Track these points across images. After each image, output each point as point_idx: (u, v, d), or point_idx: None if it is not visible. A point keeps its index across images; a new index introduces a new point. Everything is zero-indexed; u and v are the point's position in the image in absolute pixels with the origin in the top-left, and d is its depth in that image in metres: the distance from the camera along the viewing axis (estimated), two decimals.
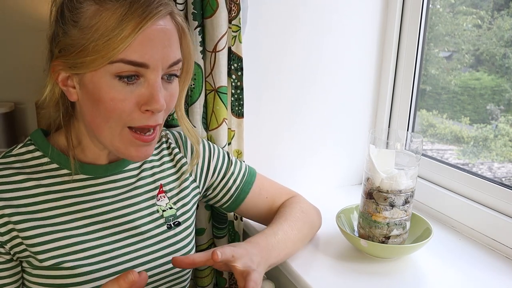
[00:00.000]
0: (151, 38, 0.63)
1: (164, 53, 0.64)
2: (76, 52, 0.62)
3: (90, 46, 0.61)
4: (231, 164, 0.89)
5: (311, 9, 1.08)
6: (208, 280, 1.07)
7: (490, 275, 0.85)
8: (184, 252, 0.80)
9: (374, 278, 0.83)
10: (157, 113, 0.66)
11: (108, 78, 0.62)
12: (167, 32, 0.65)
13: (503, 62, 1.04)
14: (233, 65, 0.95)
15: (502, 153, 1.06)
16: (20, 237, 0.67)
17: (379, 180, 0.84)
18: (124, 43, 0.60)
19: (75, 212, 0.71)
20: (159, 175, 0.81)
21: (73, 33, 0.63)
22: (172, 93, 0.69)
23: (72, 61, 0.63)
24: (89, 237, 0.71)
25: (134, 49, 0.61)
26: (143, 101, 0.64)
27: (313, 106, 1.16)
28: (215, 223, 1.04)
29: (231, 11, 0.92)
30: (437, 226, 1.03)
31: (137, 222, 0.75)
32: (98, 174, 0.74)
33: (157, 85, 0.64)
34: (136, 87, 0.64)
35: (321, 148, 1.21)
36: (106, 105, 0.63)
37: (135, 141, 0.67)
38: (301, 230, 0.87)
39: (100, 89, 0.63)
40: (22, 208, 0.68)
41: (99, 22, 0.61)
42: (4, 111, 1.95)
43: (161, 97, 0.64)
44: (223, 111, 0.95)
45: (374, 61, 1.20)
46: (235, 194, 0.89)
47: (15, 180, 0.69)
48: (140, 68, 0.63)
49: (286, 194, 0.94)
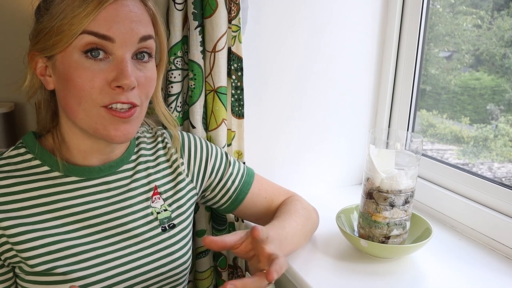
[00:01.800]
0: (116, 14, 0.64)
1: (132, 27, 0.65)
2: (44, 34, 0.65)
3: (56, 26, 0.63)
4: (230, 165, 0.88)
5: (310, 9, 1.08)
6: (208, 282, 1.07)
7: (490, 275, 0.85)
8: (179, 255, 0.78)
9: (374, 278, 0.83)
10: (129, 91, 0.65)
11: (76, 56, 0.63)
12: (135, 11, 0.66)
13: (503, 62, 1.04)
14: (233, 65, 0.95)
15: (502, 153, 1.06)
16: (10, 242, 0.66)
17: (379, 180, 0.84)
18: (88, 18, 0.62)
19: (67, 215, 0.69)
20: (154, 176, 0.79)
21: (44, 19, 0.65)
22: (148, 75, 0.69)
23: (43, 45, 0.65)
24: (82, 241, 0.69)
25: (99, 23, 0.63)
26: (112, 77, 0.64)
27: (313, 106, 1.16)
28: (215, 224, 1.04)
29: (231, 11, 0.91)
30: (437, 226, 1.03)
31: (130, 225, 0.74)
32: (90, 176, 0.73)
33: (125, 60, 0.64)
34: (105, 65, 0.64)
35: (321, 148, 1.21)
36: (75, 83, 0.64)
37: (112, 117, 0.65)
38: (305, 226, 0.87)
39: (69, 68, 0.64)
40: (12, 213, 0.66)
41: (65, 2, 0.63)
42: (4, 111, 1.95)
43: (130, 73, 0.64)
44: (223, 111, 0.95)
45: (374, 61, 1.20)
46: (234, 195, 0.88)
47: (4, 184, 0.68)
48: (106, 42, 0.63)
49: (285, 194, 0.94)
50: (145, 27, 0.67)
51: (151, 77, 0.69)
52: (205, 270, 1.05)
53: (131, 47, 0.65)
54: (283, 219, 0.83)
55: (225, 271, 1.08)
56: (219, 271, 1.07)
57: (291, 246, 0.82)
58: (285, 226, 0.81)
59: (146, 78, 0.68)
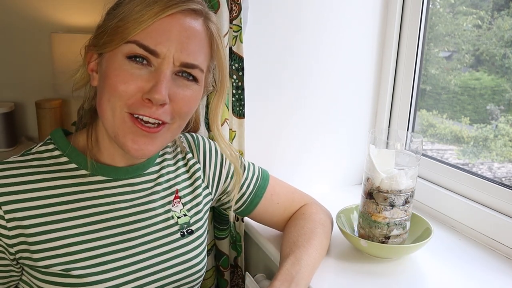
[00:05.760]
0: (168, 28, 0.64)
1: (179, 48, 0.64)
2: (102, 31, 0.66)
3: (112, 26, 0.64)
4: (244, 169, 0.87)
5: (311, 9, 1.08)
6: (210, 282, 1.07)
7: (490, 275, 0.85)
8: (196, 262, 0.78)
9: (374, 278, 0.83)
10: (159, 107, 0.64)
11: (120, 58, 0.64)
12: (190, 30, 0.65)
13: (503, 62, 1.04)
14: (234, 65, 0.95)
15: (502, 153, 1.06)
16: (28, 242, 0.65)
17: (379, 180, 0.84)
18: (140, 26, 0.62)
19: (89, 215, 0.69)
20: (174, 181, 0.79)
21: (107, 17, 0.67)
22: (188, 96, 0.67)
23: (97, 41, 0.67)
24: (101, 242, 0.69)
25: (149, 35, 0.63)
26: (146, 88, 0.63)
27: (314, 106, 1.16)
28: (217, 224, 1.04)
29: (232, 11, 0.92)
30: (437, 226, 1.03)
31: (152, 228, 0.73)
32: (117, 176, 0.72)
33: (163, 75, 0.63)
34: (144, 72, 0.64)
35: (321, 148, 1.21)
36: (110, 81, 0.64)
37: (134, 126, 0.65)
38: (323, 246, 0.83)
39: (111, 67, 0.64)
40: (36, 210, 0.66)
41: (128, 5, 0.64)
42: (4, 111, 1.95)
43: (164, 89, 0.63)
44: (225, 111, 0.95)
45: (374, 61, 1.20)
46: (249, 199, 0.87)
47: (31, 180, 0.67)
48: (151, 56, 0.64)
49: (299, 201, 0.91)
50: (196, 53, 0.66)
51: (190, 97, 0.68)
52: (208, 270, 1.06)
53: (173, 66, 0.65)
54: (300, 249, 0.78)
55: (227, 271, 1.08)
56: (221, 270, 1.07)
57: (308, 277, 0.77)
58: (302, 258, 0.77)
59: (183, 96, 0.67)
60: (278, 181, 0.92)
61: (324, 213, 0.91)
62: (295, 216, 0.89)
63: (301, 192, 0.94)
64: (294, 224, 0.86)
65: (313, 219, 0.86)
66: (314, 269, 0.79)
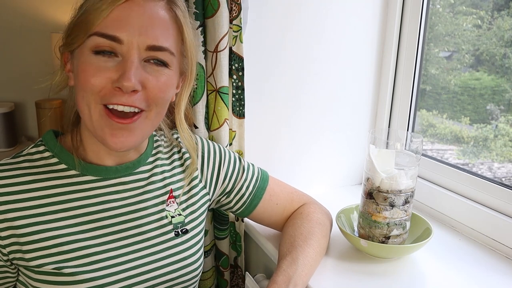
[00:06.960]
0: (128, 13, 0.63)
1: (142, 31, 0.64)
2: (69, 29, 0.67)
3: (76, 22, 0.65)
4: (244, 170, 0.87)
5: (311, 9, 1.08)
6: (210, 282, 1.07)
7: (490, 275, 0.85)
8: (191, 261, 0.78)
9: (374, 278, 0.83)
10: (132, 94, 0.64)
11: (86, 53, 0.64)
12: (151, 13, 0.65)
13: (503, 62, 1.04)
14: (234, 65, 0.95)
15: (502, 153, 1.06)
16: (19, 243, 0.66)
17: (379, 180, 0.84)
18: (101, 15, 0.62)
19: (81, 215, 0.69)
20: (169, 180, 0.79)
21: (73, 15, 0.67)
22: (162, 81, 0.67)
23: (66, 39, 0.68)
24: (93, 242, 0.69)
25: (110, 23, 0.63)
26: (115, 77, 0.63)
27: (313, 106, 1.16)
28: (217, 224, 1.04)
29: (232, 10, 0.92)
30: (437, 226, 1.03)
31: (144, 228, 0.73)
32: (107, 176, 0.72)
33: (130, 61, 0.63)
34: (112, 64, 0.64)
35: (321, 148, 1.21)
36: (80, 77, 0.64)
37: (109, 120, 0.64)
38: (321, 246, 0.83)
39: (80, 64, 0.65)
40: (27, 211, 0.66)
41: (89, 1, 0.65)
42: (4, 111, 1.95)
43: (133, 76, 0.63)
44: (225, 111, 0.95)
45: (374, 61, 1.20)
46: (248, 200, 0.87)
47: (21, 181, 0.67)
48: (115, 43, 0.63)
49: (298, 201, 0.91)
50: (162, 36, 0.66)
51: (162, 83, 0.67)
52: (207, 270, 1.06)
53: (139, 51, 0.64)
54: (296, 249, 0.78)
55: (227, 271, 1.08)
56: (221, 270, 1.07)
57: (306, 277, 0.77)
58: (299, 258, 0.76)
59: (156, 82, 0.66)
60: (277, 181, 0.92)
61: (323, 212, 0.91)
62: (293, 216, 0.89)
63: (300, 192, 0.94)
64: (292, 224, 0.86)
65: (311, 218, 0.86)
66: (312, 269, 0.79)
